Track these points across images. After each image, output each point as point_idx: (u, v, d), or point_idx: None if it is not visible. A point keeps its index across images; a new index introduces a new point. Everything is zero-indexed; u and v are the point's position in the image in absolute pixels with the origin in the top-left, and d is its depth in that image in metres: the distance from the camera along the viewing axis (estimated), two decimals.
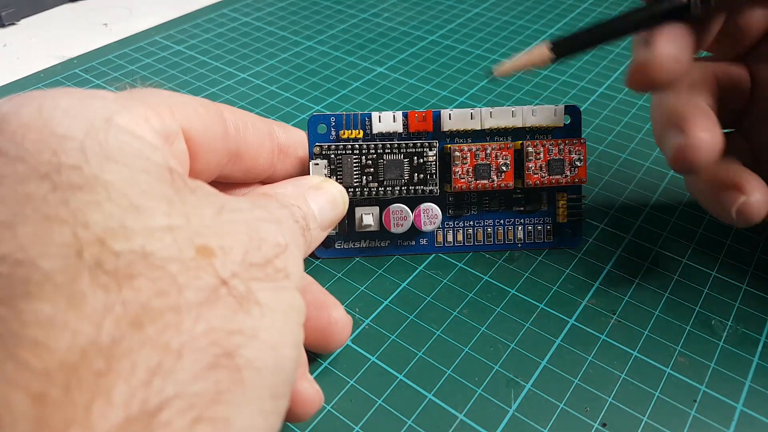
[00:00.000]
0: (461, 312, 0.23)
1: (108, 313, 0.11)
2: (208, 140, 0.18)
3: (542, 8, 0.48)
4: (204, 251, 0.13)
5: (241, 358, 0.13)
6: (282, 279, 0.15)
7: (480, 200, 0.25)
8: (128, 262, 0.12)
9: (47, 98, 0.14)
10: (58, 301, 0.11)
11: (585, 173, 0.24)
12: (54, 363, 0.11)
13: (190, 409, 0.11)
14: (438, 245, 0.26)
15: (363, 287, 0.24)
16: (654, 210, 0.28)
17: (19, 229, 0.12)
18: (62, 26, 0.46)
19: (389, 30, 0.44)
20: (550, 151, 0.24)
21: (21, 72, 0.39)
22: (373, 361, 0.22)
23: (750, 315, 0.23)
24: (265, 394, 0.13)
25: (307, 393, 0.18)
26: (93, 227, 0.12)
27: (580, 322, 0.23)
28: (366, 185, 0.24)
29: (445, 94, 0.37)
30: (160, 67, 0.39)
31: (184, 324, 0.12)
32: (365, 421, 0.20)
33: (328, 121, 0.24)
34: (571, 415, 0.20)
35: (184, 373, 0.12)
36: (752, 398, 0.20)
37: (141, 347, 0.11)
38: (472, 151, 0.24)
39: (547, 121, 0.25)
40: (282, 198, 0.18)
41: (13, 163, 0.12)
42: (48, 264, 0.11)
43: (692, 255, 0.26)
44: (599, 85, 0.38)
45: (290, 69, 0.39)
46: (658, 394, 0.20)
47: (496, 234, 0.26)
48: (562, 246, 0.26)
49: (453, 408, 0.20)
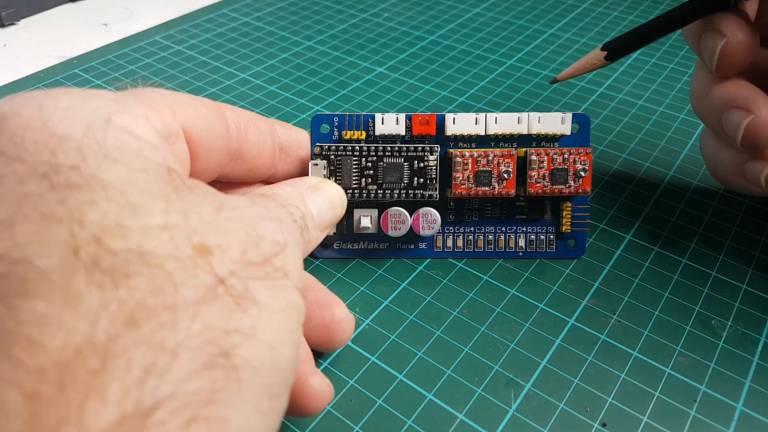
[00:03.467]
0: (461, 312, 0.23)
1: (103, 311, 0.11)
2: (209, 140, 0.18)
3: (542, 8, 0.48)
4: (202, 249, 0.13)
5: (237, 357, 0.12)
6: (281, 278, 0.14)
7: (481, 207, 0.25)
8: (124, 261, 0.12)
9: (47, 98, 0.14)
10: (53, 299, 0.11)
11: (590, 184, 0.24)
12: (48, 361, 0.10)
13: (185, 409, 0.11)
14: (437, 250, 0.25)
15: (363, 287, 0.24)
16: (654, 210, 0.28)
17: (16, 228, 0.12)
18: (62, 26, 0.46)
19: (389, 30, 0.44)
20: (554, 159, 0.24)
21: (21, 72, 0.39)
22: (373, 361, 0.22)
23: (750, 315, 0.23)
24: (262, 394, 0.13)
25: (318, 387, 0.18)
26: (89, 226, 0.12)
27: (580, 322, 0.23)
28: (365, 187, 0.24)
29: (445, 94, 0.37)
30: (160, 67, 0.39)
31: (180, 323, 0.12)
32: (365, 421, 0.20)
33: (332, 121, 0.24)
34: (571, 415, 0.20)
35: (180, 372, 0.11)
36: (752, 398, 0.20)
37: (136, 346, 0.11)
38: (474, 157, 0.24)
39: (554, 129, 0.24)
40: (280, 198, 0.18)
41: (12, 163, 0.12)
42: (44, 262, 0.11)
43: (692, 255, 0.26)
44: (599, 85, 0.37)
45: (290, 69, 0.39)
46: (658, 394, 0.20)
47: (497, 241, 0.25)
48: (565, 256, 0.25)
49: (453, 408, 0.20)
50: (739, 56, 0.22)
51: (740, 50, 0.22)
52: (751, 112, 0.22)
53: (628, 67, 0.40)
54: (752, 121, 0.22)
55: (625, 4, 0.48)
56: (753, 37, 0.22)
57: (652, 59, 0.40)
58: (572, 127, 0.25)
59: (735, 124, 0.22)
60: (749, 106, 0.22)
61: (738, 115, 0.22)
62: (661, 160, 0.31)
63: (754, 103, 0.22)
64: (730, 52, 0.22)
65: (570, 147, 0.24)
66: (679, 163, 0.31)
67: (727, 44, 0.22)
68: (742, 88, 0.23)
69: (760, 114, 0.21)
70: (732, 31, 0.21)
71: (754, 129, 0.22)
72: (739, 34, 0.21)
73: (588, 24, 0.45)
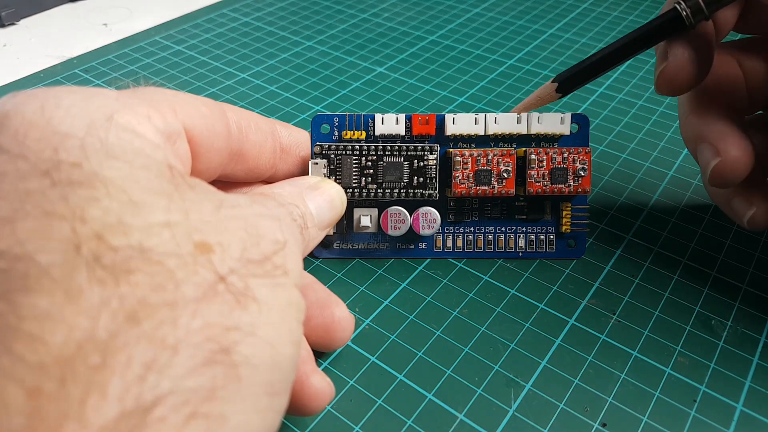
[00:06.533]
0: (461, 312, 0.23)
1: (104, 307, 0.11)
2: (210, 139, 0.18)
3: (542, 8, 0.48)
4: (202, 247, 0.13)
5: (237, 354, 0.12)
6: (280, 275, 0.14)
7: (481, 206, 0.25)
8: (126, 257, 0.12)
9: (50, 96, 0.14)
10: (55, 295, 0.11)
11: (589, 183, 0.24)
12: (49, 357, 0.10)
13: (185, 405, 0.11)
14: (437, 250, 0.25)
15: (363, 287, 0.24)
16: (654, 210, 0.28)
17: (18, 225, 0.12)
18: (62, 26, 0.46)
19: (389, 30, 0.44)
20: (554, 159, 0.24)
21: (21, 72, 0.39)
22: (373, 361, 0.22)
23: (750, 315, 0.23)
24: (262, 392, 0.13)
25: (319, 386, 0.18)
26: (91, 223, 0.12)
27: (580, 322, 0.23)
28: (365, 186, 0.24)
29: (445, 94, 0.37)
30: (160, 67, 0.39)
31: (181, 319, 0.12)
32: (365, 421, 0.20)
33: (332, 121, 0.24)
34: (571, 415, 0.20)
35: (180, 369, 0.11)
36: (752, 398, 0.20)
37: (137, 342, 0.11)
38: (474, 156, 0.24)
39: (553, 129, 0.24)
40: (280, 197, 0.18)
41: (15, 160, 0.13)
42: (46, 259, 0.11)
43: (692, 255, 0.26)
44: (599, 85, 0.38)
45: (290, 69, 0.39)
46: (658, 394, 0.20)
47: (496, 241, 0.25)
48: (565, 257, 0.25)
49: (453, 408, 0.20)
50: (680, 77, 0.21)
51: (679, 71, 0.21)
52: (718, 154, 0.21)
53: (628, 67, 0.40)
54: (719, 164, 0.21)
55: (625, 4, 0.48)
56: (697, 58, 0.21)
57: (653, 59, 0.40)
58: (571, 127, 0.25)
59: (705, 161, 0.22)
60: (718, 145, 0.22)
61: (708, 153, 0.22)
62: (661, 160, 0.31)
63: (722, 143, 0.21)
64: (669, 74, 0.21)
65: (569, 147, 0.24)
66: (679, 163, 0.31)
67: (668, 66, 0.21)
68: (715, 122, 0.22)
69: (728, 155, 0.21)
70: (674, 53, 0.21)
71: (720, 171, 0.21)
72: (682, 55, 0.21)
73: (588, 24, 0.45)
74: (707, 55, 0.21)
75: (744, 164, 0.21)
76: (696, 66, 0.21)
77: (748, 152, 0.21)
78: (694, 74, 0.21)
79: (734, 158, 0.21)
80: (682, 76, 0.21)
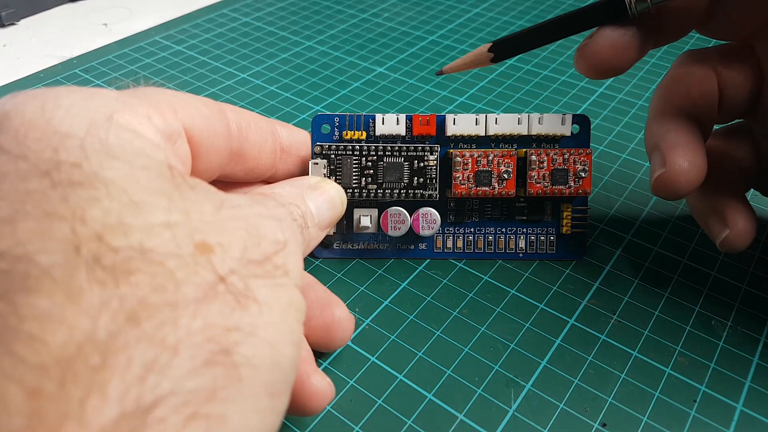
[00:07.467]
0: (461, 312, 0.23)
1: (105, 308, 0.11)
2: (210, 139, 0.18)
3: (542, 8, 0.48)
4: (203, 247, 0.13)
5: (238, 355, 0.12)
6: (281, 276, 0.14)
7: (482, 207, 0.25)
8: (126, 258, 0.12)
9: (50, 96, 0.14)
10: (55, 295, 0.11)
11: (590, 185, 0.24)
12: (50, 357, 0.10)
13: (185, 406, 0.11)
14: (437, 250, 0.25)
15: (363, 287, 0.24)
16: (654, 210, 0.28)
17: (18, 225, 0.12)
18: (62, 26, 0.46)
19: (389, 30, 0.44)
20: (554, 160, 0.24)
21: (21, 72, 0.39)
22: (373, 361, 0.22)
23: (750, 315, 0.23)
24: (262, 392, 0.13)
25: (319, 386, 0.18)
26: (91, 223, 0.12)
27: (580, 322, 0.23)
28: (365, 187, 0.24)
29: (445, 94, 0.37)
30: (160, 67, 0.39)
31: (181, 320, 0.12)
32: (365, 421, 0.20)
33: (332, 122, 0.24)
34: (571, 415, 0.20)
35: (180, 370, 0.11)
36: (752, 398, 0.20)
37: (137, 343, 0.11)
38: (474, 157, 0.24)
39: (554, 130, 0.24)
40: (280, 197, 0.18)
41: (15, 160, 0.13)
42: (46, 259, 0.11)
43: (692, 255, 0.26)
44: (599, 85, 0.38)
45: (290, 69, 0.39)
46: (658, 394, 0.20)
47: (497, 242, 0.25)
48: (565, 258, 0.25)
49: (453, 408, 0.20)
50: (601, 56, 0.20)
51: (601, 51, 0.20)
52: (664, 164, 0.21)
53: None
54: (663, 174, 0.21)
55: None
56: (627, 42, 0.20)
57: (653, 59, 0.40)
58: (573, 128, 0.25)
59: (653, 168, 0.22)
60: (667, 154, 0.21)
61: (655, 161, 0.21)
62: None
63: (672, 152, 0.21)
64: (592, 52, 0.21)
65: (570, 148, 0.24)
66: None
67: (592, 44, 0.21)
68: (670, 131, 0.22)
69: (672, 167, 0.21)
70: (602, 35, 0.20)
71: (663, 182, 0.21)
72: (605, 39, 0.20)
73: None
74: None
75: (690, 177, 0.20)
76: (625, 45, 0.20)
77: (696, 165, 0.21)
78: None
79: (679, 170, 0.20)
80: (608, 54, 0.20)
